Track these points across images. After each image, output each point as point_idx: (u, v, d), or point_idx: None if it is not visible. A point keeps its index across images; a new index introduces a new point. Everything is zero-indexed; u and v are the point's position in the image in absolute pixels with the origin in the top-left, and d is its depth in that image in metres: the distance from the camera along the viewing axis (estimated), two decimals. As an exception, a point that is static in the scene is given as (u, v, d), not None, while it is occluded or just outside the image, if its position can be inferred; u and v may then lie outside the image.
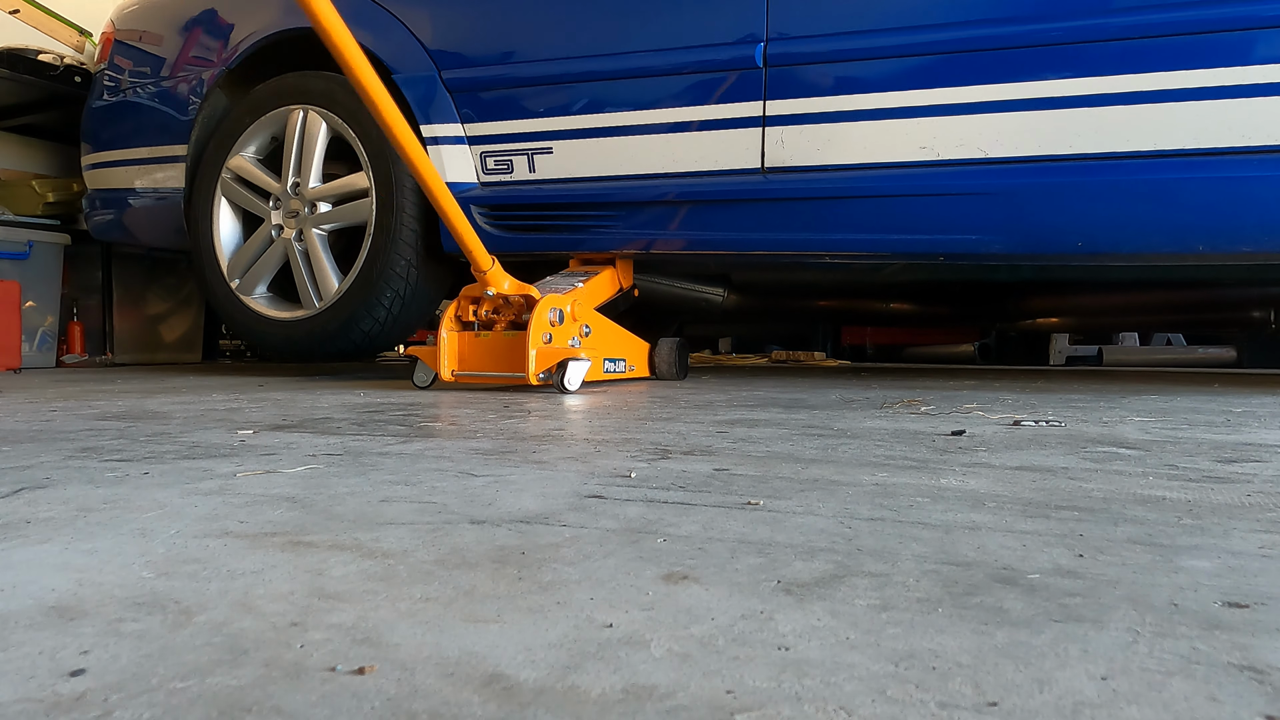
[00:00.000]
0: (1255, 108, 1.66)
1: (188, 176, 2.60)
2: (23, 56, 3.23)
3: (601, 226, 2.15)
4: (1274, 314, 3.19)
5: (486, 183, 2.25)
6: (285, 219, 2.37)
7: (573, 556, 0.51)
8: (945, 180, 1.86)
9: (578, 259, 2.32)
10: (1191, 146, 1.70)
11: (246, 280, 2.45)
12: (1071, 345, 4.45)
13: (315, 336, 2.31)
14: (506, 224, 2.23)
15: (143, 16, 2.78)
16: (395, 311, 2.27)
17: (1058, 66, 1.77)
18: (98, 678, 0.34)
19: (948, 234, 1.88)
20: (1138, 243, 1.79)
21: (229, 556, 0.51)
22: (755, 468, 0.83)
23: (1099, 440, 1.06)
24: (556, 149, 2.17)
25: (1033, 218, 1.82)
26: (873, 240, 1.94)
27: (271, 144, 2.49)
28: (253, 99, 2.46)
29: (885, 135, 1.89)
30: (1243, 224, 1.71)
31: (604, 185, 2.13)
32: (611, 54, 2.10)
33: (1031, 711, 0.31)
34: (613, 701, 0.32)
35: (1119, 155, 1.75)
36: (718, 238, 2.06)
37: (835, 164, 1.94)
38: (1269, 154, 1.67)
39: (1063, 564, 0.50)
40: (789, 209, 1.98)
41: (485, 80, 2.22)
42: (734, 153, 2.01)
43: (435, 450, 0.94)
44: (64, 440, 1.02)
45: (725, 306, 3.02)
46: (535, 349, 1.83)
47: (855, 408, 1.50)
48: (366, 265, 2.23)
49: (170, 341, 3.86)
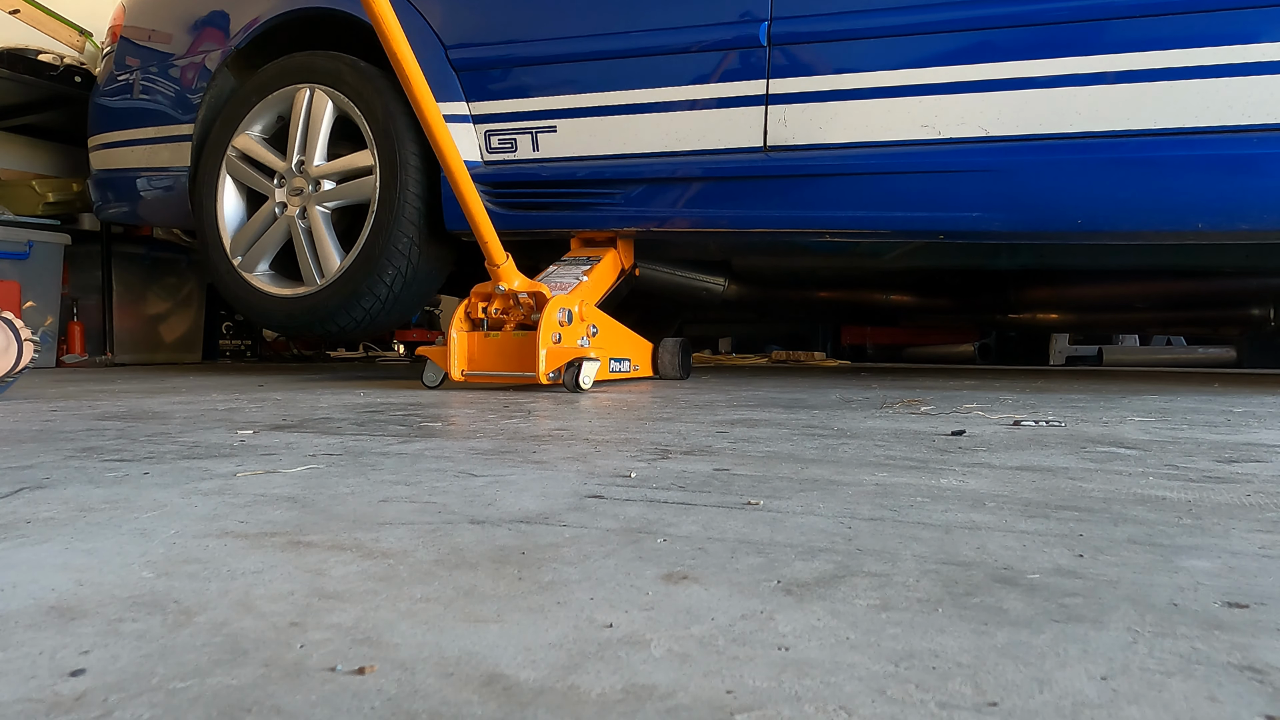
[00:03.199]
0: (1254, 86, 1.67)
1: (193, 156, 2.62)
2: (23, 56, 3.23)
3: (604, 204, 2.16)
4: (1274, 312, 3.19)
5: (490, 161, 2.26)
6: (289, 197, 2.38)
7: (573, 556, 0.51)
8: (946, 158, 1.87)
9: (579, 239, 2.34)
10: (1191, 125, 1.72)
11: (249, 257, 2.47)
12: (1071, 345, 4.45)
13: (316, 313, 2.32)
14: (509, 202, 2.24)
15: (153, 0, 2.80)
16: (397, 290, 2.28)
17: (1058, 46, 1.79)
18: (98, 678, 0.34)
19: (948, 211, 1.89)
20: (1137, 220, 1.80)
21: (229, 556, 0.51)
22: (755, 468, 0.83)
23: (1099, 440, 1.06)
24: (561, 128, 2.18)
25: (1033, 195, 1.84)
26: (874, 217, 1.95)
27: (278, 123, 2.51)
28: (260, 78, 2.49)
29: (887, 114, 1.91)
30: (1242, 202, 1.73)
31: (607, 163, 2.14)
32: (617, 33, 2.12)
33: (1031, 711, 0.31)
34: (613, 701, 0.32)
35: (1119, 133, 1.77)
36: (720, 215, 2.07)
37: (837, 142, 1.95)
38: (1267, 132, 1.68)
39: (1063, 564, 0.50)
40: (791, 186, 2.00)
41: (491, 59, 2.23)
42: (737, 131, 2.03)
43: (435, 450, 0.94)
44: (64, 440, 1.02)
45: (726, 296, 3.02)
46: (545, 348, 1.84)
47: (855, 407, 1.50)
48: (369, 242, 2.24)
49: (170, 341, 3.86)
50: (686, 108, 2.06)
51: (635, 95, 2.10)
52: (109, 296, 3.57)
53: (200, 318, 3.99)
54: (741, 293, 3.06)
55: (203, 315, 4.00)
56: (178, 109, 2.65)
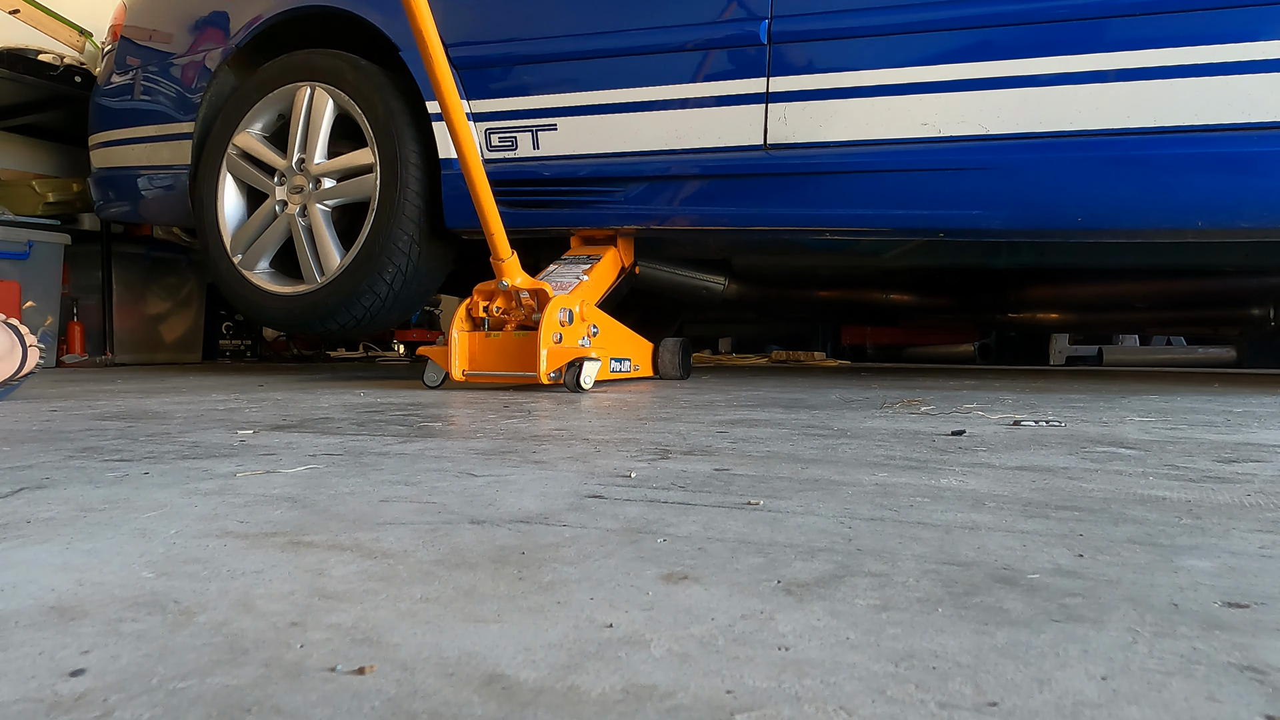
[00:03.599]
0: (1253, 84, 1.67)
1: (194, 154, 2.62)
2: (23, 56, 3.23)
3: (605, 202, 2.17)
4: (1273, 311, 3.19)
5: (490, 160, 2.27)
6: (289, 195, 2.39)
7: (573, 556, 0.51)
8: (946, 156, 1.88)
9: (580, 237, 2.34)
10: (1191, 123, 1.72)
11: (249, 255, 2.47)
12: (1071, 345, 4.45)
13: (316, 310, 2.33)
14: (510, 200, 2.24)
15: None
16: (397, 288, 2.28)
17: (1057, 44, 1.79)
18: (98, 678, 0.34)
19: (948, 209, 1.90)
20: (1137, 218, 1.81)
21: (229, 556, 0.51)
22: (755, 468, 0.83)
23: (1099, 440, 1.06)
24: (561, 126, 2.18)
25: (1033, 193, 1.84)
26: (873, 215, 1.96)
27: (278, 121, 2.51)
28: (261, 76, 2.49)
29: (887, 112, 1.91)
30: (1241, 200, 1.73)
31: (608, 161, 2.15)
32: (617, 31, 2.12)
33: (1031, 711, 0.31)
34: (613, 701, 0.32)
35: (1119, 132, 1.77)
36: (720, 213, 2.08)
37: (837, 140, 1.96)
38: (1266, 130, 1.68)
39: (1063, 564, 0.50)
40: (791, 184, 2.01)
41: (492, 57, 2.24)
42: (737, 129, 2.03)
43: (435, 450, 0.94)
44: (64, 440, 1.02)
45: (726, 296, 3.03)
46: (546, 348, 1.85)
47: (855, 408, 1.50)
48: (369, 240, 2.25)
49: (170, 341, 3.86)
50: (686, 106, 2.07)
51: (635, 93, 2.10)
52: (109, 296, 3.57)
53: (200, 318, 3.98)
54: (742, 292, 3.06)
55: (203, 315, 4.00)
56: (178, 107, 2.66)
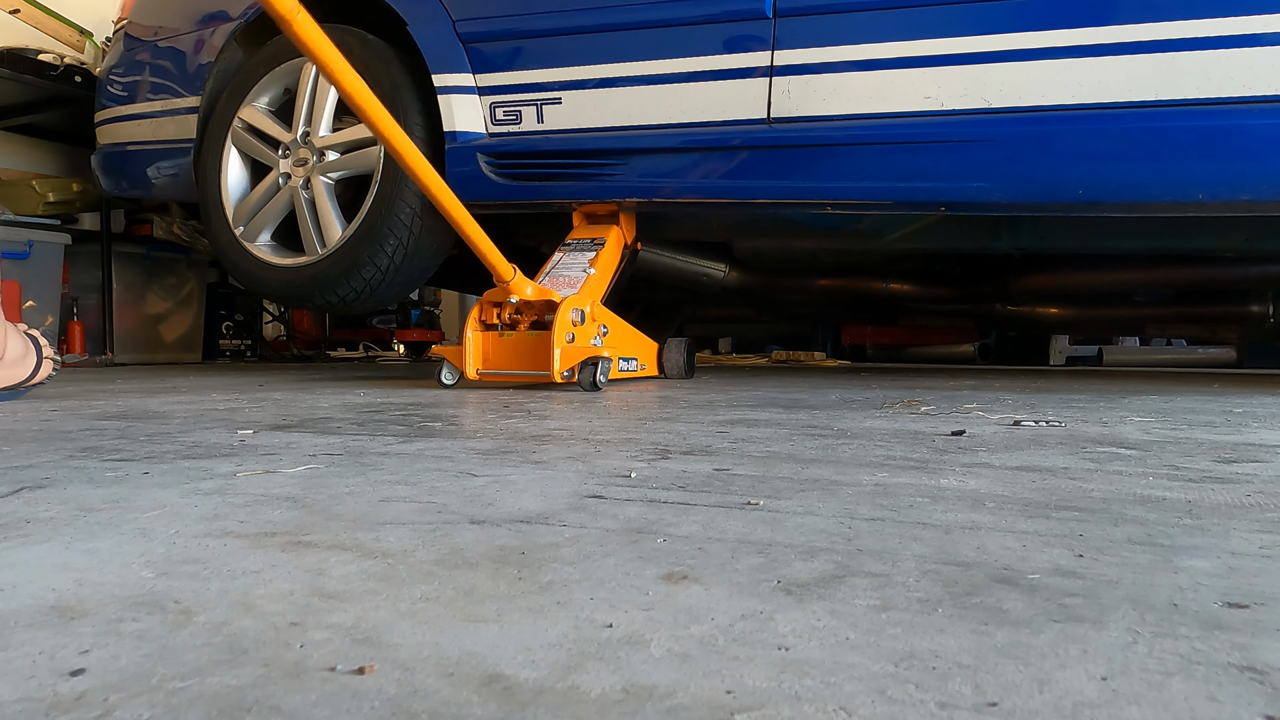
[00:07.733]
0: (1255, 57, 1.68)
1: (199, 128, 2.64)
2: (23, 56, 3.23)
3: (608, 176, 2.18)
4: (1273, 308, 3.18)
5: (494, 133, 2.27)
6: (293, 167, 2.41)
7: (573, 556, 0.51)
8: (948, 128, 1.88)
9: (582, 213, 2.36)
10: (1192, 96, 1.72)
11: (251, 227, 2.49)
12: (1071, 345, 4.45)
13: (317, 282, 2.34)
14: (512, 173, 2.25)
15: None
16: (398, 261, 2.29)
17: (1060, 17, 1.79)
18: (98, 677, 0.34)
19: (950, 182, 1.90)
20: (1138, 191, 1.81)
21: (229, 556, 0.51)
22: (755, 468, 0.83)
23: (1099, 440, 1.06)
24: (566, 99, 2.19)
25: (1034, 166, 1.84)
26: (875, 188, 1.96)
27: (284, 95, 2.53)
28: (268, 51, 2.51)
29: (890, 85, 1.92)
30: (1242, 173, 1.74)
31: (611, 135, 2.16)
32: (622, 5, 2.13)
33: (1031, 711, 0.31)
34: (613, 701, 0.32)
35: (1120, 105, 1.77)
36: (723, 186, 2.08)
37: (840, 114, 1.96)
38: (1267, 104, 1.68)
39: (1063, 564, 0.50)
40: (794, 157, 2.01)
41: (497, 31, 2.25)
42: (741, 103, 2.04)
43: (435, 450, 0.94)
44: (64, 440, 1.02)
45: (727, 284, 3.03)
46: (560, 348, 1.88)
47: (855, 408, 1.50)
48: (371, 213, 2.26)
49: (170, 341, 3.86)
50: (690, 79, 2.07)
51: (639, 67, 2.11)
52: (109, 296, 3.58)
53: (200, 317, 3.99)
54: (742, 280, 3.07)
55: (203, 315, 4.00)
56: (185, 83, 2.67)
